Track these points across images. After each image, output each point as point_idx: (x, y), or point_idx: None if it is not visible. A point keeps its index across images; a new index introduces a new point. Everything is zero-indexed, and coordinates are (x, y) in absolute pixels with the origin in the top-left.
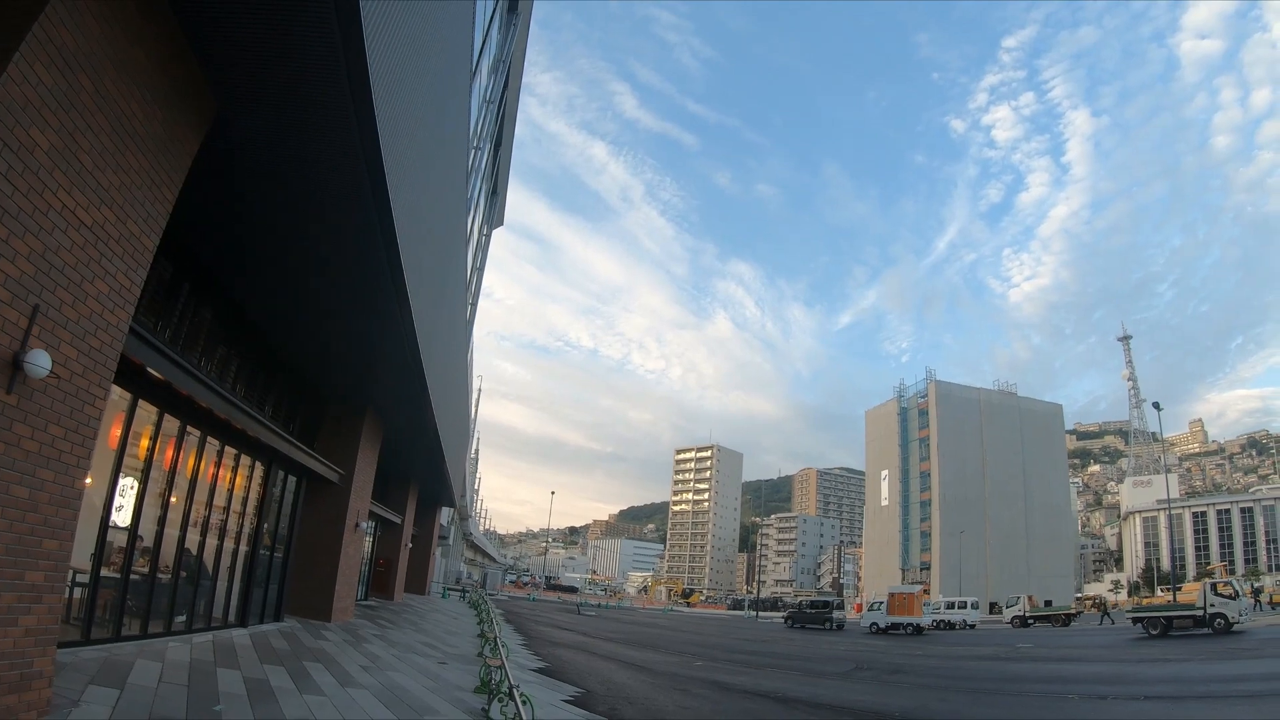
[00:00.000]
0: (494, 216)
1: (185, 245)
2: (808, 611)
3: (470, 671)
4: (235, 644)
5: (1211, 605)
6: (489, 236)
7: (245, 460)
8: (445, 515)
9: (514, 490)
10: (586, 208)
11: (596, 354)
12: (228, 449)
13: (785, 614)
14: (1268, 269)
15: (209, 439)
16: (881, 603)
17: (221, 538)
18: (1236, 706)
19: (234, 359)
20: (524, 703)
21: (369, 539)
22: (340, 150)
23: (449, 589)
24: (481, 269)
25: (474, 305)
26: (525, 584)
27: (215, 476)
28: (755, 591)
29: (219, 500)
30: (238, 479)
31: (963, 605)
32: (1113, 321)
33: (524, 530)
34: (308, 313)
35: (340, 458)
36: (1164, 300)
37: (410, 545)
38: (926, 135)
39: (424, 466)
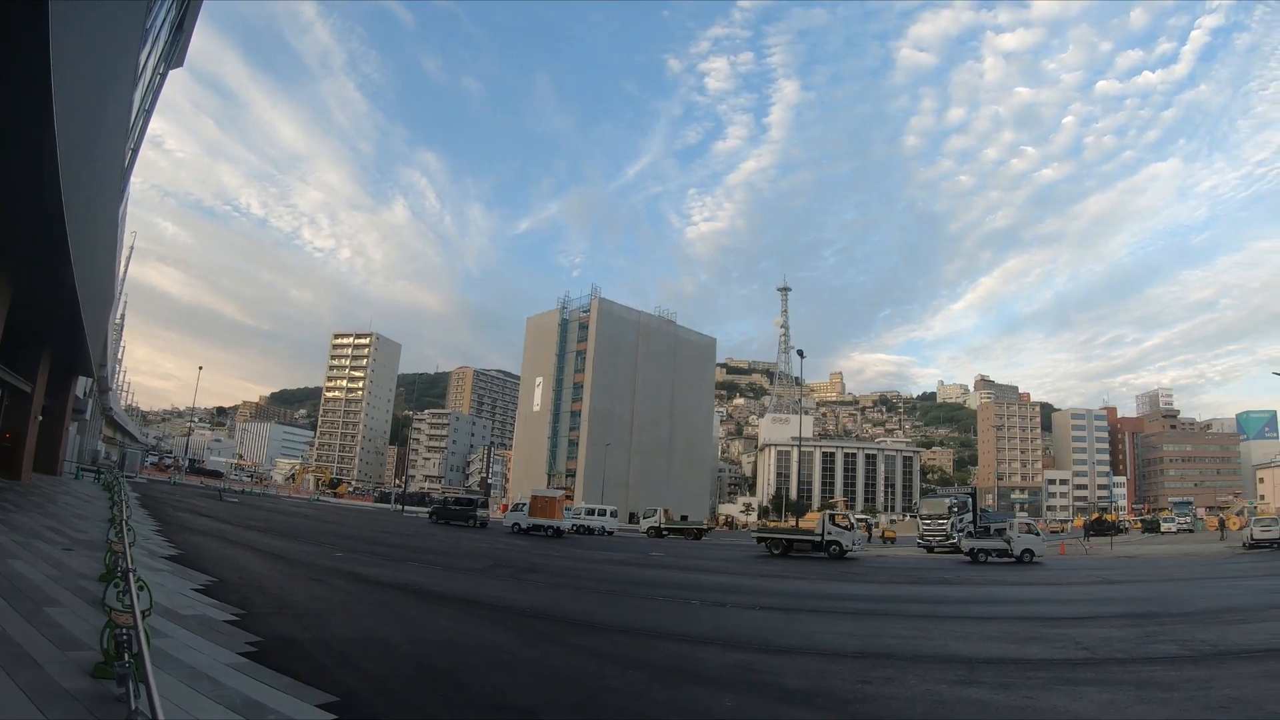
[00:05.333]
0: (174, 55)
1: None
2: (452, 508)
3: (97, 558)
4: None
5: (829, 534)
6: (164, 76)
7: None
8: (82, 386)
9: (161, 363)
10: (281, 67)
11: (265, 224)
12: None
13: (430, 510)
14: (923, 257)
15: None
16: (524, 504)
17: None
18: (842, 622)
19: None
20: (140, 589)
21: None
22: None
23: (84, 469)
24: (150, 111)
25: (135, 151)
26: (168, 467)
27: None
28: (403, 486)
29: None
30: None
31: (603, 513)
32: (777, 274)
33: (169, 408)
34: None
35: None
36: (827, 264)
37: (41, 419)
38: (643, 68)
39: (60, 329)
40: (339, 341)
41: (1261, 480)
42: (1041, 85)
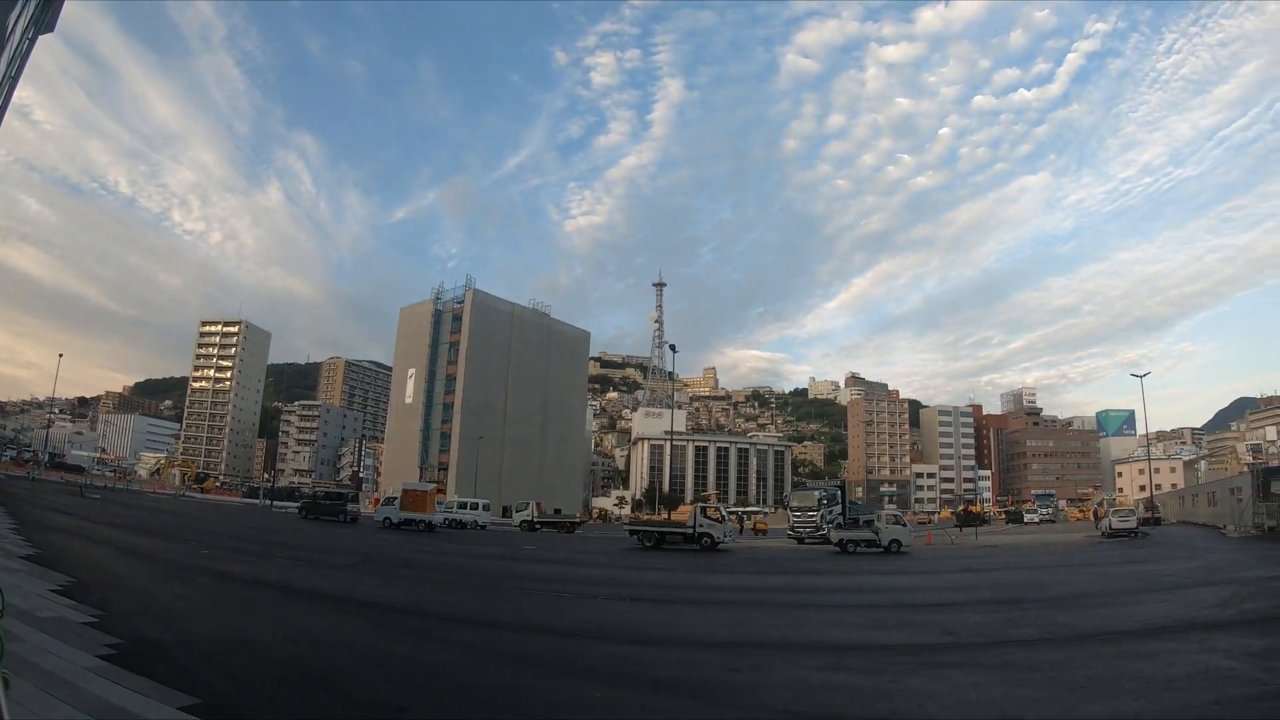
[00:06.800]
0: (46, 19)
1: None
2: (322, 503)
3: None
4: None
5: (701, 526)
6: (34, 41)
7: None
8: None
9: (21, 351)
10: (159, 39)
11: (134, 204)
12: None
13: (300, 504)
14: (797, 258)
15: None
16: (395, 498)
17: None
18: (713, 612)
19: None
20: None
21: None
22: None
23: None
24: (16, 79)
25: None
26: (26, 461)
27: None
28: (272, 480)
29: None
30: None
31: (475, 507)
32: (653, 269)
33: (29, 398)
34: None
35: None
36: (703, 261)
37: None
38: (529, 59)
39: None
40: (207, 329)
41: (1120, 474)
42: (921, 97)
